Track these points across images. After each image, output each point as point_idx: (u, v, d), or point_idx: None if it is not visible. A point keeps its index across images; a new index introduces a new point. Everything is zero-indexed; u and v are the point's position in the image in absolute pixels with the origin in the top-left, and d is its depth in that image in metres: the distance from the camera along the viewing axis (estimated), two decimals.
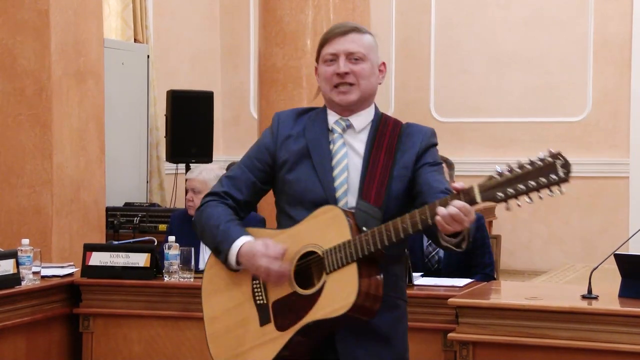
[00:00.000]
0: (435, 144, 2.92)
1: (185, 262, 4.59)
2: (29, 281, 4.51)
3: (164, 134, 8.70)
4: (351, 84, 2.85)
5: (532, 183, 2.45)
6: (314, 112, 2.96)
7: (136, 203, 8.13)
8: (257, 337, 2.80)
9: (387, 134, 2.87)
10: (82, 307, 4.74)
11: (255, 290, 2.82)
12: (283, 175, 2.87)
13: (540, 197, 2.48)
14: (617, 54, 9.75)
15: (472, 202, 2.53)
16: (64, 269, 4.86)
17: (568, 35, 9.87)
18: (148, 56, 9.02)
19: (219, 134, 8.88)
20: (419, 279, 4.53)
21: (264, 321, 2.80)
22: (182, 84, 9.24)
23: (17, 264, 4.43)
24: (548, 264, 9.73)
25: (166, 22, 9.73)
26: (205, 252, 4.77)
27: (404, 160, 2.84)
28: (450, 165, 5.13)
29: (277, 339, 2.75)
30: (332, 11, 6.62)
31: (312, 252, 2.75)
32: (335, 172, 2.83)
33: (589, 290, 4.01)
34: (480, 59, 10.16)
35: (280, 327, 2.76)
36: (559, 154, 2.46)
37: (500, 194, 2.48)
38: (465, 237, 2.62)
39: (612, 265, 4.05)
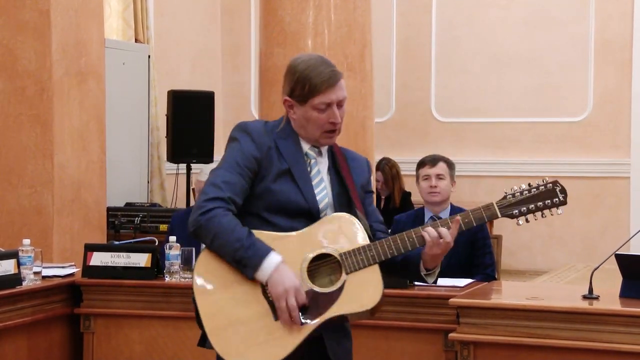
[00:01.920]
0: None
1: (186, 262, 4.59)
2: (30, 281, 4.51)
3: (165, 134, 8.70)
4: (338, 129, 3.04)
5: (540, 204, 3.01)
6: (275, 126, 3.07)
7: (137, 203, 8.13)
8: (273, 331, 2.89)
9: (340, 157, 3.10)
10: (83, 307, 4.74)
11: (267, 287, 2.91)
12: (267, 183, 2.99)
13: (543, 216, 3.03)
14: (617, 54, 9.74)
15: (493, 216, 3.02)
16: (65, 269, 4.86)
17: (568, 35, 9.87)
18: (149, 56, 9.03)
19: (219, 134, 8.86)
20: None
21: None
22: (183, 84, 9.24)
23: (18, 264, 4.43)
24: (549, 264, 9.72)
25: (167, 22, 9.73)
26: None
27: (358, 182, 3.12)
28: (451, 165, 5.13)
29: (297, 331, 2.88)
30: (333, 11, 6.60)
31: (326, 255, 2.93)
32: (316, 190, 3.03)
33: (590, 291, 4.01)
34: (480, 59, 10.16)
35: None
36: (557, 181, 3.03)
37: (515, 211, 3.00)
38: (436, 272, 3.05)
39: (613, 266, 4.05)
